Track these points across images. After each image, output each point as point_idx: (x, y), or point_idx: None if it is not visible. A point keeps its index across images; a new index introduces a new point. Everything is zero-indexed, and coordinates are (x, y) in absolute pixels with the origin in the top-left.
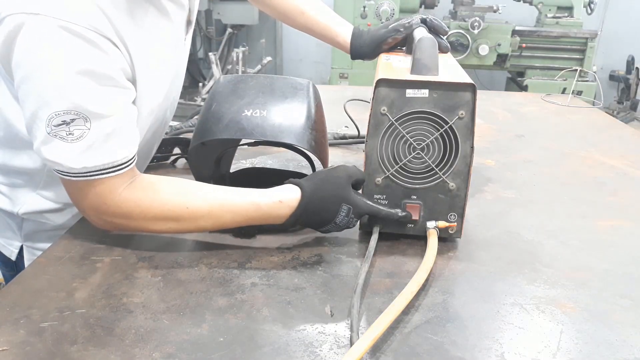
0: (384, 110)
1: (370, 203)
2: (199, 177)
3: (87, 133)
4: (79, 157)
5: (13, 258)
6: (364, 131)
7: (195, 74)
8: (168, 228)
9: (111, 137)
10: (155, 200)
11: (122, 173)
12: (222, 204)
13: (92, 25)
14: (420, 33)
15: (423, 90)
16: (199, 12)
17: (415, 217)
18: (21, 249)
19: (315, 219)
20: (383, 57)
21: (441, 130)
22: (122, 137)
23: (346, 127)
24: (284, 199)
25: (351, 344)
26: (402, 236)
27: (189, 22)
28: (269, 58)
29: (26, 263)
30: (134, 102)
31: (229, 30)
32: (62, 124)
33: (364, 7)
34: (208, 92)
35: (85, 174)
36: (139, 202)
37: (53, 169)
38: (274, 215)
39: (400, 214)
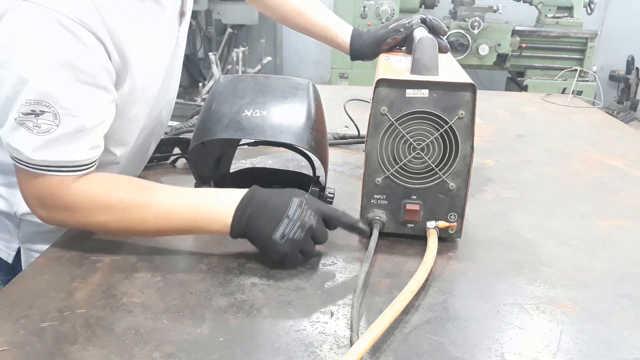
0: (384, 110)
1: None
2: (199, 177)
3: (55, 129)
4: (41, 150)
5: (10, 261)
6: (364, 131)
7: (195, 74)
8: (113, 219)
9: (78, 137)
10: (106, 189)
11: (78, 174)
12: (171, 191)
13: (80, 19)
14: (420, 33)
15: (423, 90)
16: (199, 12)
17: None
18: (18, 251)
19: (265, 213)
20: (383, 57)
21: (441, 130)
22: (89, 139)
23: (346, 127)
24: (232, 190)
25: (351, 344)
26: (402, 236)
27: (182, 14)
28: (269, 58)
29: (23, 265)
30: (115, 102)
31: (229, 30)
32: (31, 114)
33: (364, 7)
34: (208, 92)
35: (42, 167)
36: (87, 192)
37: (11, 155)
38: (222, 204)
39: (360, 226)
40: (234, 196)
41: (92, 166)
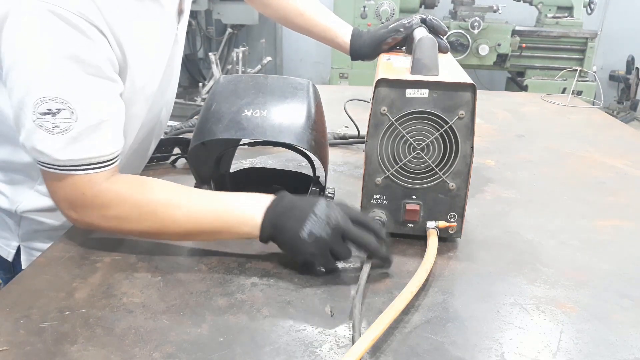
0: (384, 110)
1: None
2: (199, 177)
3: (73, 126)
4: (65, 149)
5: (10, 259)
6: (364, 131)
7: (195, 74)
8: (144, 219)
9: (98, 130)
10: (137, 189)
11: (106, 170)
12: (203, 193)
13: (80, 12)
14: (420, 33)
15: (423, 90)
16: (199, 12)
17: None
18: (18, 249)
19: (293, 213)
20: (383, 57)
21: (441, 130)
22: (108, 131)
23: (346, 127)
24: (259, 194)
25: (353, 344)
26: (402, 236)
27: (180, 12)
28: (269, 58)
29: (23, 264)
30: (121, 95)
31: (229, 30)
32: (48, 114)
33: (364, 7)
34: (208, 92)
35: (69, 167)
36: (119, 191)
37: (37, 160)
38: (252, 205)
39: (383, 236)
40: (263, 199)
41: (117, 160)
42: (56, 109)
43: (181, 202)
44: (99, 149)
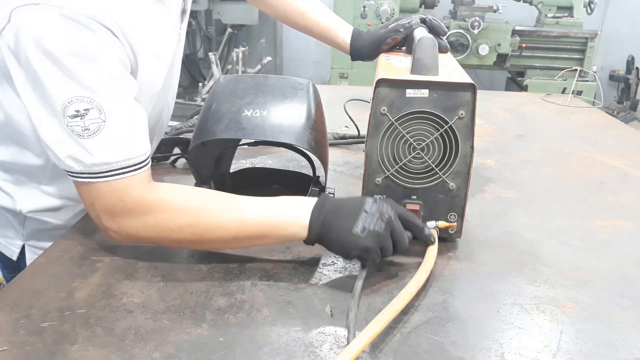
0: (384, 110)
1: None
2: (199, 177)
3: (103, 126)
4: (99, 152)
5: (14, 258)
6: (364, 131)
7: (195, 74)
8: (188, 223)
9: (127, 128)
10: (179, 195)
11: (142, 172)
12: (244, 197)
13: (92, 14)
14: (420, 33)
15: (423, 90)
16: (199, 12)
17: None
18: (23, 248)
19: (342, 211)
20: (383, 57)
21: (441, 130)
22: (136, 129)
23: (346, 127)
24: (301, 197)
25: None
26: None
27: (183, 11)
28: (269, 58)
29: (28, 262)
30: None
31: (229, 30)
32: (77, 116)
33: (364, 7)
34: (208, 92)
35: (105, 173)
36: (159, 197)
37: (71, 172)
38: (297, 206)
39: (426, 232)
40: (307, 200)
41: (149, 162)
42: (84, 110)
43: (224, 207)
44: (132, 149)
